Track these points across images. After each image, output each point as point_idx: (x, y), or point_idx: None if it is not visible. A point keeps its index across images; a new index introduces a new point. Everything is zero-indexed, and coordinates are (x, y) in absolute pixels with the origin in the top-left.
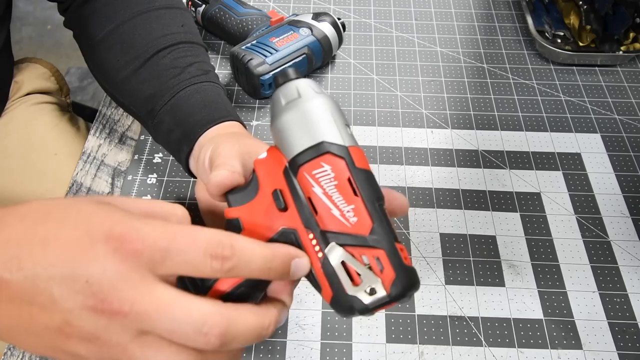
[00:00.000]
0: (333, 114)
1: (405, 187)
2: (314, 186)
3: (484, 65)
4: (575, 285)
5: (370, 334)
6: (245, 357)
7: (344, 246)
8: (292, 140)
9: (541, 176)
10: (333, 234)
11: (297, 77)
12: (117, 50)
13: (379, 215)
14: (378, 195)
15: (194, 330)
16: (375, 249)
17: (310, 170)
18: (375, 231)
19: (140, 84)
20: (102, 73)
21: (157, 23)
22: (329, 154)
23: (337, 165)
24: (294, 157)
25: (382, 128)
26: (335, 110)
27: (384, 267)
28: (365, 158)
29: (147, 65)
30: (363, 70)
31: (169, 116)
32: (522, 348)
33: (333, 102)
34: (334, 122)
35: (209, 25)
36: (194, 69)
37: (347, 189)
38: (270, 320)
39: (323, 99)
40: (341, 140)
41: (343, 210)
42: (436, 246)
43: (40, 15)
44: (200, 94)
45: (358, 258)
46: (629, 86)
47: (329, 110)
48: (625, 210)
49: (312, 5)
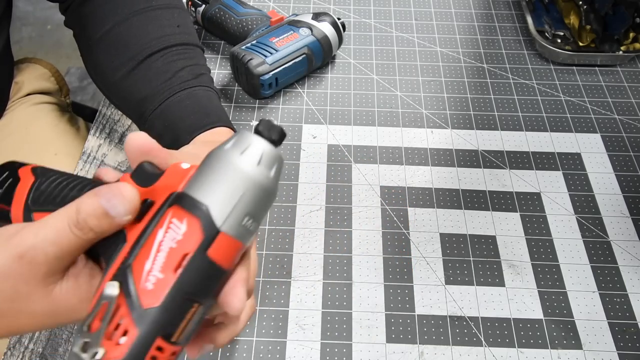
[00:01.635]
0: (246, 198)
1: (405, 187)
2: (162, 228)
3: (484, 65)
4: (575, 285)
5: (370, 334)
6: (245, 357)
7: (120, 294)
8: (195, 179)
9: (541, 176)
10: (130, 276)
11: (271, 139)
12: (112, 51)
13: (174, 306)
14: (200, 294)
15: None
16: (134, 324)
17: (175, 215)
18: (151, 313)
19: (132, 86)
20: (98, 74)
21: (152, 24)
22: (197, 219)
23: (192, 235)
24: (181, 193)
25: (382, 128)
26: (253, 198)
27: (121, 346)
28: (232, 256)
29: (140, 67)
30: (363, 70)
31: (159, 121)
32: (522, 348)
33: (264, 191)
34: (235, 204)
35: (208, 25)
36: (185, 73)
37: (175, 260)
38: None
39: (255, 180)
40: (220, 221)
41: (152, 269)
42: (436, 246)
43: (40, 15)
44: (190, 100)
45: (117, 314)
46: (629, 86)
47: (246, 193)
48: (625, 210)
49: (312, 5)
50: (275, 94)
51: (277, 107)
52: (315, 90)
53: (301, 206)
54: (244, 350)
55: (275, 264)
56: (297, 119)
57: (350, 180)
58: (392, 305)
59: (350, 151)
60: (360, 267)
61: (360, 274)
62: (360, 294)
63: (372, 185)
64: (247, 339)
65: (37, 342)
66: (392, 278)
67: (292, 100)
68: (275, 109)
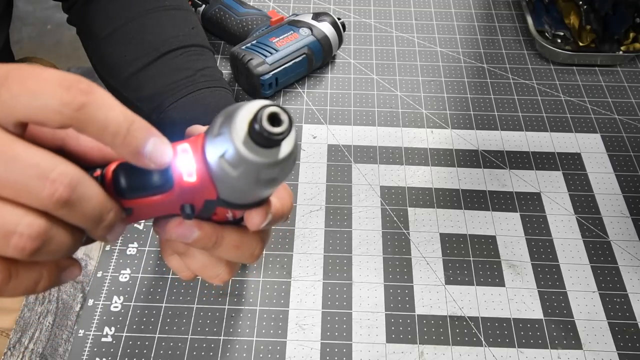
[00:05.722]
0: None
1: (405, 187)
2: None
3: (484, 65)
4: (575, 285)
5: (370, 334)
6: (245, 357)
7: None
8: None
9: (541, 176)
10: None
11: (254, 139)
12: (125, 46)
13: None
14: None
15: (37, 175)
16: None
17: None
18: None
19: (148, 80)
20: (106, 68)
21: (168, 23)
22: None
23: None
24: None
25: (382, 128)
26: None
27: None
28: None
29: (158, 63)
30: (363, 70)
31: (177, 113)
32: (522, 348)
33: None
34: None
35: (209, 25)
36: (208, 73)
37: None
38: (112, 208)
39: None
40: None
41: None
42: (436, 246)
43: (40, 15)
44: (214, 98)
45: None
46: (629, 86)
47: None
48: (625, 210)
49: (312, 5)
50: (275, 94)
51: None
52: (315, 90)
53: (301, 206)
54: (244, 351)
55: (275, 264)
56: (297, 119)
57: (350, 180)
58: (392, 305)
59: (350, 151)
60: (360, 267)
61: (360, 274)
62: (360, 294)
63: (372, 185)
64: (247, 339)
65: (37, 342)
66: (392, 278)
67: (292, 100)
68: None
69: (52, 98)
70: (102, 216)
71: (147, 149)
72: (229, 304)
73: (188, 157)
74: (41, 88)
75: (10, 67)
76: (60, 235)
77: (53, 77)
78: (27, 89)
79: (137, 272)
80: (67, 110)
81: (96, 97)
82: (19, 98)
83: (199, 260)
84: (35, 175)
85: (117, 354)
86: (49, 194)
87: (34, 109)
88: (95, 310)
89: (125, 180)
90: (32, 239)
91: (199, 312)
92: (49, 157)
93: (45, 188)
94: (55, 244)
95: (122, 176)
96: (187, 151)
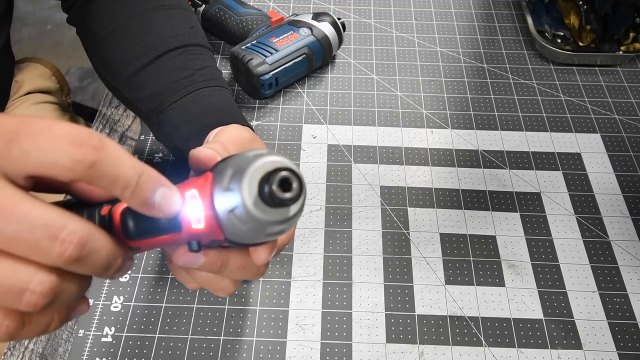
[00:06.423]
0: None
1: (405, 187)
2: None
3: (484, 65)
4: (575, 285)
5: (370, 334)
6: (245, 357)
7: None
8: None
9: (541, 176)
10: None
11: (264, 198)
12: (124, 45)
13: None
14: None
15: (48, 235)
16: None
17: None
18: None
19: (148, 80)
20: (106, 68)
21: (167, 22)
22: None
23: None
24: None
25: (382, 128)
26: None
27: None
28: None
29: (157, 62)
30: (363, 70)
31: (177, 114)
32: (522, 348)
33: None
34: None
35: (209, 25)
36: (207, 72)
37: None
38: (121, 255)
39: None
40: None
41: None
42: (436, 246)
43: (40, 15)
44: (213, 97)
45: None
46: (629, 86)
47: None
48: (625, 210)
49: (312, 5)
50: (275, 94)
51: (277, 107)
52: (315, 90)
53: None
54: (244, 350)
55: (275, 264)
56: (297, 119)
57: (350, 180)
58: (392, 305)
59: (350, 151)
60: (360, 267)
61: (360, 274)
62: (360, 294)
63: (372, 185)
64: (247, 339)
65: (37, 342)
66: (392, 278)
67: (292, 100)
68: (275, 109)
69: (63, 155)
70: (110, 264)
71: (156, 199)
72: (229, 304)
73: (196, 204)
74: (52, 145)
75: (20, 121)
76: (70, 287)
77: (64, 133)
78: (38, 146)
79: (137, 272)
80: (79, 168)
81: (107, 152)
82: (30, 154)
83: (204, 275)
84: (45, 236)
85: (117, 354)
86: (59, 253)
87: (45, 166)
88: (95, 310)
89: (133, 225)
90: (44, 295)
91: (199, 312)
92: (57, 215)
93: (55, 247)
94: (66, 294)
95: (130, 220)
96: (196, 197)
